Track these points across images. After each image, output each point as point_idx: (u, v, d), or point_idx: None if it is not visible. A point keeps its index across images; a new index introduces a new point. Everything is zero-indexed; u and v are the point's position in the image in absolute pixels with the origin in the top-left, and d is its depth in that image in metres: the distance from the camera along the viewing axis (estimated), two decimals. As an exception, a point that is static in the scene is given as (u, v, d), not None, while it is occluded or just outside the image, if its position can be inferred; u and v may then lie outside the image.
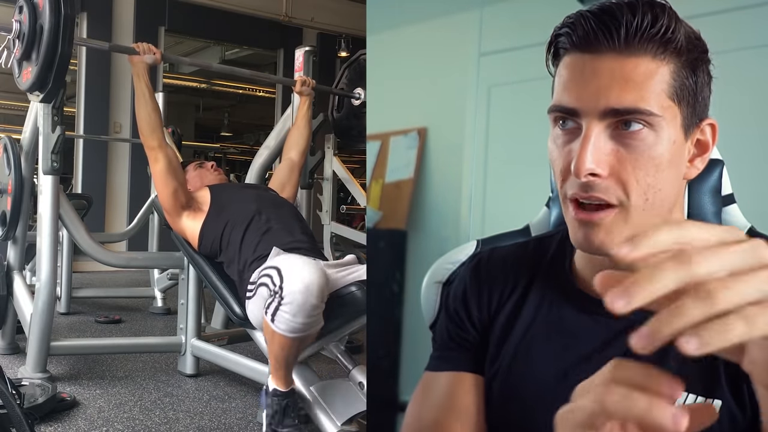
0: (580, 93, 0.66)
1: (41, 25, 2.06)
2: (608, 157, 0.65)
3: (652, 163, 0.65)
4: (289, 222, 2.20)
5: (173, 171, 2.20)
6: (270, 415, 1.77)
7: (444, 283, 1.00)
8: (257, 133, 11.96)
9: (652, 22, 0.64)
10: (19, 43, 2.13)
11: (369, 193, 3.27)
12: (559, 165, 0.69)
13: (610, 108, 0.64)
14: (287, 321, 1.66)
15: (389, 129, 3.20)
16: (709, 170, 0.90)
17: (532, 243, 0.86)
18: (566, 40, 0.68)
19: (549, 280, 0.79)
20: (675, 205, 0.70)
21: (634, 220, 0.66)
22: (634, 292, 0.39)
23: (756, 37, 2.07)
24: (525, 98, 2.22)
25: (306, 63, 3.00)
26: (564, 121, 0.68)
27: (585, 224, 0.67)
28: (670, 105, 0.65)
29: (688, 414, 0.39)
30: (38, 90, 2.15)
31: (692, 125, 0.68)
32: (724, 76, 2.33)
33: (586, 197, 0.66)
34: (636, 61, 0.64)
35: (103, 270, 4.77)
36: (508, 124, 2.72)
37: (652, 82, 0.64)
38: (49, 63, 2.06)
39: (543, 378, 0.76)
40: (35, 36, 2.08)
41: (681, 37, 0.65)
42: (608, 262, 0.73)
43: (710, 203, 0.89)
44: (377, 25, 2.96)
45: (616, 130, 0.65)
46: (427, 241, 2.86)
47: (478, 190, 2.83)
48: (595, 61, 0.65)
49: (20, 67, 2.20)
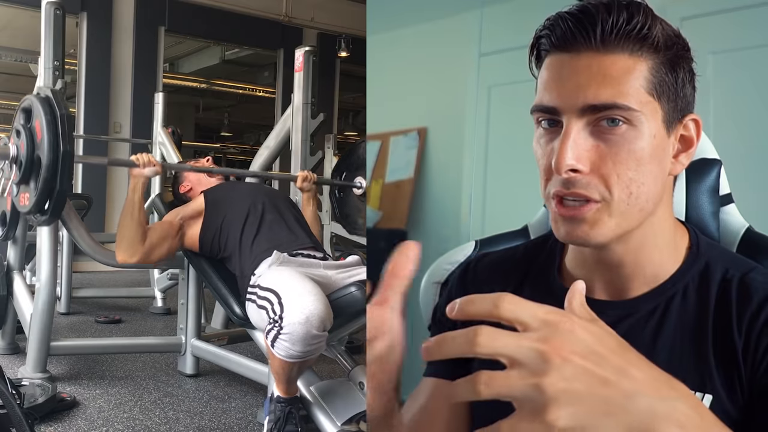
0: (560, 91, 0.67)
1: (39, 156, 1.96)
2: (589, 153, 0.66)
3: (632, 157, 0.66)
4: (284, 212, 2.21)
5: (162, 245, 2.15)
6: (272, 420, 1.78)
7: (442, 283, 1.00)
8: (257, 133, 11.96)
9: (627, 20, 0.65)
10: (16, 169, 2.03)
11: (369, 193, 3.27)
12: (542, 164, 0.70)
13: (588, 104, 0.65)
14: (287, 349, 1.67)
15: (389, 129, 3.20)
16: (707, 170, 0.90)
17: (521, 248, 0.86)
18: (546, 42, 0.69)
19: (539, 284, 0.80)
20: (661, 201, 0.71)
21: (618, 215, 0.67)
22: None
23: (756, 37, 2.07)
24: (525, 98, 2.22)
25: (306, 63, 3.00)
26: (546, 120, 0.69)
27: (567, 220, 0.68)
28: (650, 100, 0.66)
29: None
30: (38, 213, 2.06)
31: (674, 120, 0.69)
32: (725, 76, 2.34)
33: (568, 194, 0.67)
34: (613, 58, 0.66)
35: (103, 270, 4.77)
36: (508, 124, 2.72)
37: (629, 77, 0.65)
38: (48, 194, 1.97)
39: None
40: (33, 165, 1.98)
41: (658, 34, 0.66)
42: (598, 264, 0.74)
43: (708, 203, 0.89)
44: (377, 25, 2.96)
45: (596, 126, 0.66)
46: (427, 241, 2.86)
47: (478, 190, 2.83)
48: (574, 60, 0.67)
49: (18, 189, 2.10)
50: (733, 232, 0.88)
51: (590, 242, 0.69)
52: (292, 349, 1.66)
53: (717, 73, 2.08)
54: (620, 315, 0.73)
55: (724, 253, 0.76)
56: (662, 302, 0.72)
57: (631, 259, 0.72)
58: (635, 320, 0.72)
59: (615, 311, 0.73)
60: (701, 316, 0.70)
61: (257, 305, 1.82)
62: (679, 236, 0.75)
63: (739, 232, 0.87)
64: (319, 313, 1.66)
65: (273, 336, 1.68)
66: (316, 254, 2.07)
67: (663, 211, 0.72)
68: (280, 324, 1.66)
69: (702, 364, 0.68)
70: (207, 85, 9.09)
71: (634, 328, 0.71)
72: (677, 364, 0.69)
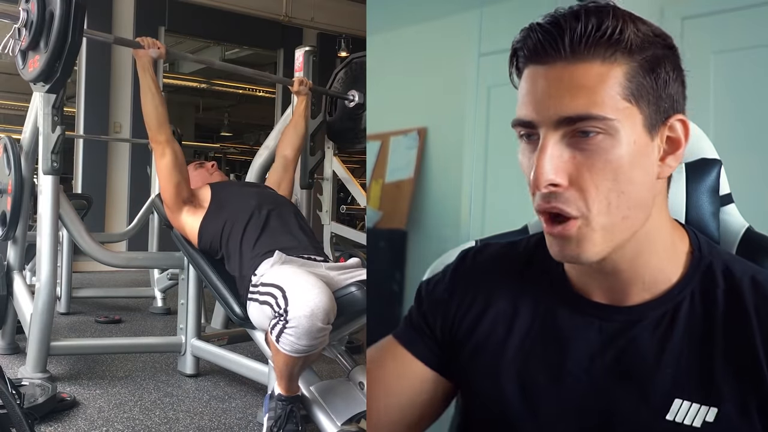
0: (535, 105, 0.66)
1: (51, 11, 2.01)
2: (566, 165, 0.65)
3: (609, 167, 0.64)
4: (288, 219, 2.20)
5: (178, 166, 2.22)
6: (273, 418, 1.77)
7: (444, 269, 1.00)
8: (257, 133, 11.95)
9: (597, 26, 0.64)
10: (26, 32, 2.08)
11: (369, 193, 3.27)
12: (528, 178, 0.69)
13: (562, 116, 0.64)
14: (292, 343, 1.67)
15: (389, 129, 3.20)
16: (707, 170, 0.90)
17: (523, 243, 0.86)
18: (521, 54, 0.69)
19: (542, 281, 0.79)
20: (652, 206, 0.69)
21: (600, 228, 0.66)
22: None
23: (757, 37, 2.06)
24: (525, 98, 2.22)
25: (306, 63, 3.00)
26: (525, 134, 0.68)
27: (556, 238, 0.68)
28: (627, 106, 0.65)
29: None
30: (44, 80, 2.11)
31: (657, 123, 0.67)
32: (725, 76, 2.33)
33: (549, 208, 0.67)
34: (585, 67, 0.64)
35: (103, 270, 4.77)
36: (508, 124, 2.72)
37: (603, 86, 0.64)
38: (59, 51, 2.01)
39: (539, 381, 0.76)
40: (44, 23, 2.02)
41: (631, 36, 0.64)
42: (595, 271, 0.73)
43: (708, 203, 0.88)
44: (377, 25, 2.96)
45: (573, 138, 0.65)
46: (427, 241, 2.86)
47: (478, 190, 2.83)
48: (548, 71, 0.66)
49: (25, 57, 2.16)
50: (733, 233, 0.88)
51: (582, 261, 0.68)
52: (297, 344, 1.66)
53: (717, 73, 2.08)
54: (626, 321, 0.72)
55: (726, 256, 0.75)
56: (670, 310, 0.71)
57: (628, 266, 0.71)
58: (642, 328, 0.71)
59: (620, 316, 0.72)
60: (709, 325, 0.69)
61: (260, 302, 1.82)
62: (677, 239, 0.74)
63: (739, 232, 0.87)
64: (324, 306, 1.66)
65: (278, 330, 1.68)
66: (317, 257, 2.07)
67: (657, 215, 0.71)
68: (285, 318, 1.66)
69: (708, 376, 0.68)
70: (207, 85, 9.09)
71: (642, 337, 0.71)
72: (683, 375, 0.68)
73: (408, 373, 0.83)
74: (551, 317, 0.77)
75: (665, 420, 0.68)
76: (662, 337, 0.70)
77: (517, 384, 0.77)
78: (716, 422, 0.66)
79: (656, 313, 0.71)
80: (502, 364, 0.78)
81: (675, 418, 0.67)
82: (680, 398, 0.67)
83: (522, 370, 0.77)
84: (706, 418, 0.66)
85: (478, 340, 0.81)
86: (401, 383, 0.83)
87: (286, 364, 1.73)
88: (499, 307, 0.80)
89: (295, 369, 1.76)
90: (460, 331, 0.82)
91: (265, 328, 1.81)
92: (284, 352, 1.69)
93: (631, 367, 0.70)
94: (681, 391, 0.68)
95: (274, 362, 1.80)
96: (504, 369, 0.78)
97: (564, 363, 0.74)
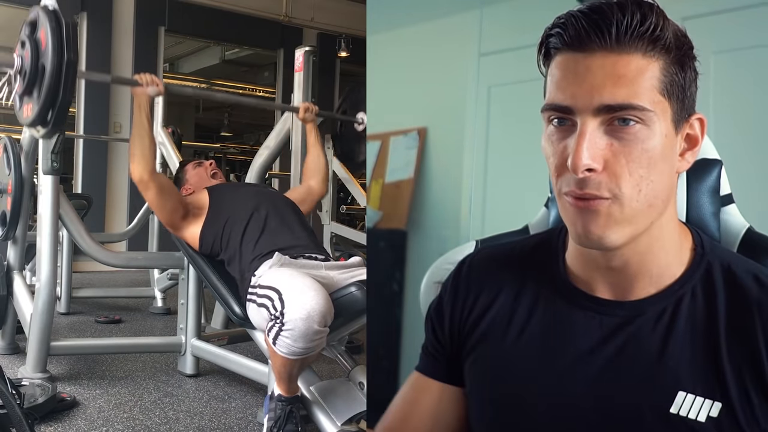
0: (574, 91, 0.67)
1: (43, 65, 1.98)
2: (603, 152, 0.66)
3: (645, 156, 0.66)
4: (287, 217, 2.20)
5: (166, 194, 2.16)
6: (272, 418, 1.77)
7: (443, 283, 1.00)
8: (257, 133, 11.95)
9: (641, 20, 0.66)
10: (21, 79, 2.06)
11: (369, 193, 3.27)
12: (554, 162, 0.70)
13: (603, 104, 0.66)
14: (288, 346, 1.67)
15: (389, 129, 3.19)
16: (708, 170, 0.90)
17: (521, 243, 0.86)
18: (557, 40, 0.69)
19: (543, 280, 0.80)
20: (669, 198, 0.71)
21: (629, 211, 0.67)
22: None
23: (757, 37, 2.06)
24: (525, 98, 2.22)
25: (306, 63, 3.00)
26: (558, 119, 0.69)
27: (584, 212, 0.68)
28: (661, 100, 0.67)
29: None
30: (40, 125, 2.09)
31: (682, 120, 0.70)
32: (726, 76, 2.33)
33: (582, 194, 0.67)
34: (627, 59, 0.66)
35: (103, 270, 4.77)
36: (508, 124, 2.72)
37: (643, 78, 0.66)
38: (51, 104, 1.99)
39: (539, 377, 0.76)
40: (37, 75, 2.00)
41: (669, 34, 0.67)
42: (603, 263, 0.73)
43: (709, 203, 0.89)
44: (377, 25, 2.96)
45: (611, 125, 0.67)
46: (427, 241, 2.86)
47: (478, 190, 2.82)
48: (588, 59, 0.67)
49: (21, 101, 2.14)
50: (734, 233, 0.88)
51: (604, 244, 0.69)
52: (294, 346, 1.66)
53: (718, 73, 2.08)
54: (628, 316, 0.73)
55: (727, 254, 0.76)
56: (671, 304, 0.71)
57: (637, 260, 0.72)
58: (643, 322, 0.72)
59: (622, 311, 0.73)
60: (711, 320, 0.70)
61: (257, 304, 1.82)
62: (683, 237, 0.75)
63: (739, 232, 0.87)
64: (320, 309, 1.65)
65: (275, 333, 1.68)
66: (318, 256, 2.07)
67: (670, 210, 0.73)
68: (281, 320, 1.66)
69: (712, 370, 0.68)
70: (207, 85, 9.09)
71: (643, 331, 0.71)
72: (686, 369, 0.69)
73: (444, 398, 0.86)
74: (551, 313, 0.77)
75: (669, 413, 0.68)
76: (664, 331, 0.71)
77: (517, 380, 0.77)
78: (720, 417, 0.66)
79: (657, 307, 0.72)
80: (502, 362, 0.78)
81: (679, 411, 0.68)
82: (684, 391, 0.68)
83: (522, 367, 0.77)
84: (710, 413, 0.66)
85: (479, 338, 0.81)
86: (440, 409, 0.86)
87: (284, 366, 1.74)
88: (500, 306, 0.81)
89: (294, 370, 1.76)
90: (464, 332, 0.83)
91: (263, 329, 1.81)
92: (281, 355, 1.70)
93: (632, 360, 0.71)
94: (685, 384, 0.68)
95: (272, 364, 1.80)
96: (504, 366, 0.78)
97: (565, 358, 0.74)
